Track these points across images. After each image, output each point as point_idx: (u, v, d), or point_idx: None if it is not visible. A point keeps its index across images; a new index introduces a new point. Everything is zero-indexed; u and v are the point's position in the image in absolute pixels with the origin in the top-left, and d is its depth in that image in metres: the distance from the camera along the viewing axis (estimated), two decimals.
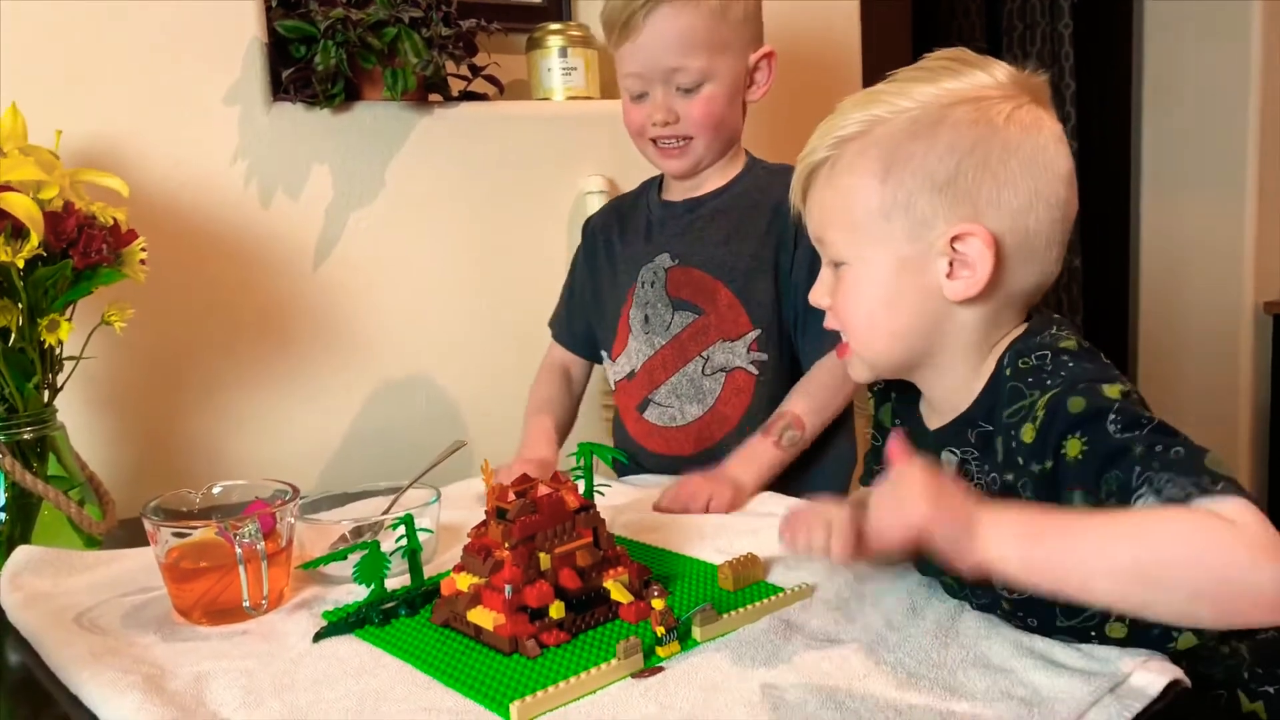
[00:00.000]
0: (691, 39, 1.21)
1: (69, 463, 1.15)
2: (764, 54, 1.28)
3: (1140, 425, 0.68)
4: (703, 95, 1.24)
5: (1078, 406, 0.71)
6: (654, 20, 1.21)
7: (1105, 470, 0.68)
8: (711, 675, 0.76)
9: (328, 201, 1.47)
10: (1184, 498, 0.63)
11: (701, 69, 1.22)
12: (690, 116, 1.24)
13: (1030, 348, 0.78)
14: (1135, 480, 0.66)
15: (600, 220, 1.43)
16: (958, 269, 0.78)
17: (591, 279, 1.41)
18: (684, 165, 1.29)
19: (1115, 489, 0.67)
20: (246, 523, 0.88)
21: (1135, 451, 0.67)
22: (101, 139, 1.31)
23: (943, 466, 0.84)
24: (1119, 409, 0.69)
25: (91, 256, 1.07)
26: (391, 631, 0.87)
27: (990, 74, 0.80)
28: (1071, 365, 0.75)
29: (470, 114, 1.55)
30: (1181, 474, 0.64)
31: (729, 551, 0.98)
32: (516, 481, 0.89)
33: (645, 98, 1.26)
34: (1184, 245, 2.91)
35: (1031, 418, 0.74)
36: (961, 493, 0.69)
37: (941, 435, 0.84)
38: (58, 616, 0.91)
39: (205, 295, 1.40)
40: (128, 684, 0.76)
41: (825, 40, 1.91)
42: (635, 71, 1.25)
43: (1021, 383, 0.76)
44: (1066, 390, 0.72)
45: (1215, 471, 0.64)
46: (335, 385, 1.50)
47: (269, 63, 1.41)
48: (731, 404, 1.28)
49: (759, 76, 1.28)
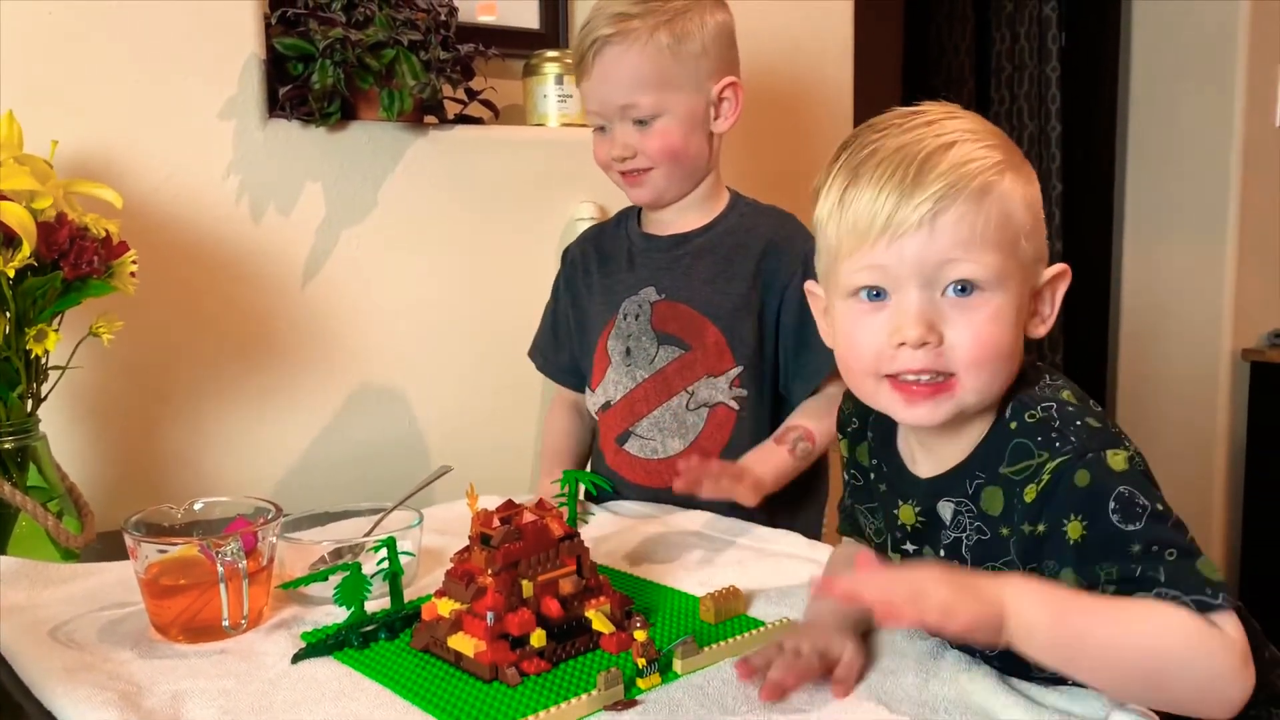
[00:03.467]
0: (639, 76, 1.23)
1: (49, 474, 1.14)
2: (727, 84, 1.28)
3: (1138, 516, 0.71)
4: (657, 129, 1.25)
5: (1083, 481, 0.73)
6: (602, 61, 1.24)
7: (1101, 560, 0.71)
8: (691, 708, 0.76)
9: (319, 219, 1.47)
10: (1190, 605, 0.68)
11: (652, 104, 1.24)
12: (647, 149, 1.26)
13: (1033, 399, 0.79)
14: (1137, 575, 0.69)
15: (579, 249, 1.43)
16: (1041, 307, 0.83)
17: (574, 308, 1.41)
18: (646, 194, 1.30)
19: (1114, 580, 0.71)
20: (229, 541, 0.88)
21: (1133, 549, 0.70)
22: (97, 150, 1.31)
23: (937, 514, 0.84)
24: (1118, 495, 0.71)
25: (82, 268, 1.07)
26: (371, 655, 0.87)
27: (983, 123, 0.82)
28: (1079, 425, 0.75)
29: (465, 137, 1.56)
30: (1185, 586, 0.68)
31: (711, 584, 0.98)
32: (501, 508, 0.89)
33: (606, 131, 1.28)
34: (1164, 290, 2.94)
35: (1037, 480, 0.75)
36: (972, 574, 0.72)
37: (937, 485, 0.84)
38: (33, 630, 0.90)
39: (194, 309, 1.40)
40: (103, 700, 0.75)
41: (817, 81, 1.93)
42: (593, 109, 1.28)
43: (1030, 440, 0.77)
44: (1075, 460, 0.73)
45: (1213, 581, 0.68)
46: (320, 404, 1.50)
47: (266, 79, 1.41)
48: (713, 439, 1.28)
49: (725, 107, 1.29)
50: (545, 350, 1.46)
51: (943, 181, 0.75)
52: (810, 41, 1.91)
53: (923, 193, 0.75)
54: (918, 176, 0.75)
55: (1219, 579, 0.69)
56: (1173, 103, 2.89)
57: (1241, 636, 0.68)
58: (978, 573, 0.73)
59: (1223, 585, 0.69)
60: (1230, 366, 2.79)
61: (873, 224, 0.76)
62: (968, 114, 0.82)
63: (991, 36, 3.29)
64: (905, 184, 0.75)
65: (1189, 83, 2.83)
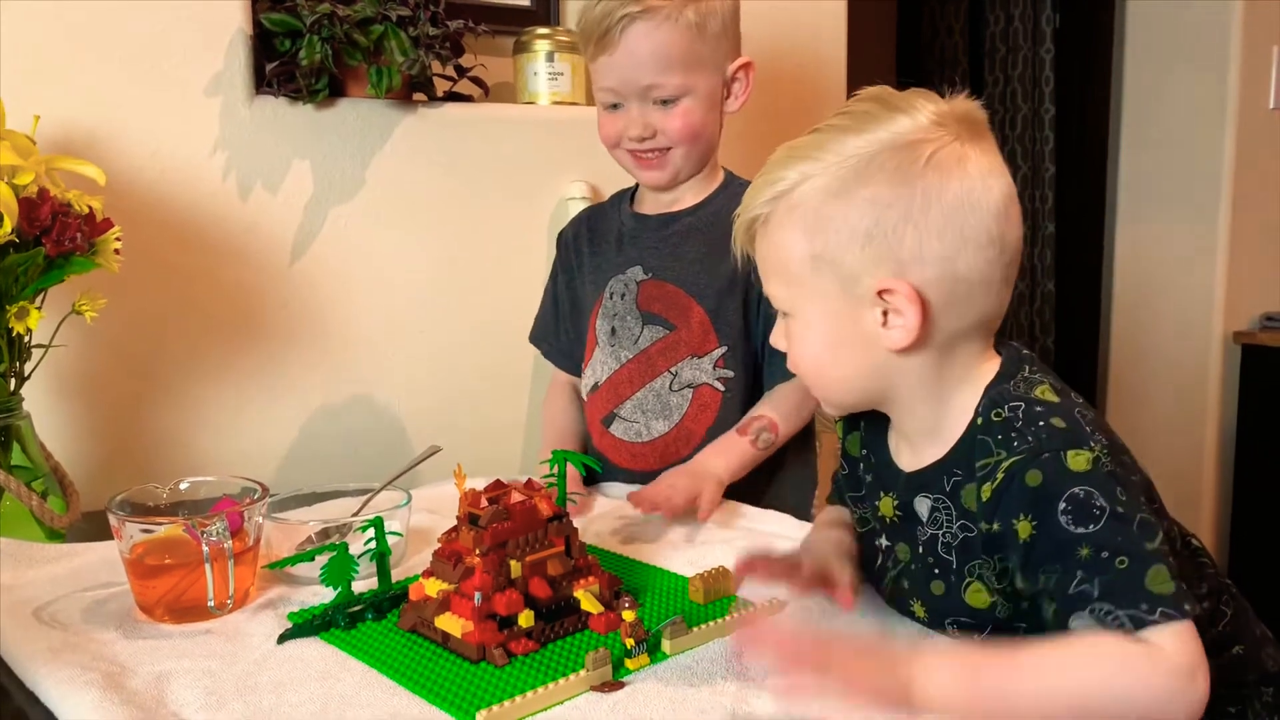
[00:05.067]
0: (668, 55, 1.20)
1: (34, 453, 1.13)
2: (741, 65, 1.26)
3: (1094, 518, 0.70)
4: (680, 108, 1.23)
5: (1034, 481, 0.72)
6: (630, 36, 1.20)
7: (1048, 561, 0.71)
8: (681, 689, 0.76)
9: (307, 197, 1.46)
10: (1120, 627, 0.67)
11: (678, 85, 1.21)
12: (668, 129, 1.23)
13: (1005, 397, 0.78)
14: (1074, 587, 0.69)
15: (572, 231, 1.42)
16: (892, 318, 0.78)
17: (568, 289, 1.40)
18: (663, 176, 1.28)
19: (1053, 586, 0.71)
20: (214, 520, 0.87)
21: (1080, 553, 0.69)
22: (79, 126, 1.29)
23: (914, 509, 0.85)
24: (1071, 496, 0.70)
25: (65, 245, 1.06)
26: (357, 635, 0.86)
27: (913, 116, 0.78)
28: (1041, 425, 0.75)
29: (454, 115, 1.55)
30: (1121, 599, 0.67)
31: (700, 564, 0.98)
32: (489, 488, 0.88)
33: (620, 108, 1.25)
34: (1157, 272, 2.94)
35: (992, 477, 0.75)
36: (882, 647, 0.72)
37: (916, 480, 0.84)
38: (16, 610, 0.90)
39: (179, 287, 1.38)
40: (86, 681, 0.75)
41: (811, 61, 1.92)
42: (611, 86, 1.24)
43: (991, 437, 0.76)
44: (1029, 460, 0.73)
45: (1156, 594, 0.67)
46: (307, 383, 1.48)
47: (253, 56, 1.39)
48: (698, 420, 1.27)
49: (736, 88, 1.27)
50: (547, 335, 1.44)
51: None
52: (804, 21, 1.90)
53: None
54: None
55: (1165, 590, 0.67)
56: (1166, 85, 2.88)
57: (1186, 649, 0.66)
58: (891, 643, 0.74)
59: (1167, 598, 0.67)
60: (1221, 349, 2.80)
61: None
62: None
63: (986, 18, 3.28)
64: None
65: (1183, 65, 2.83)
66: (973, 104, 0.81)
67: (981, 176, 0.77)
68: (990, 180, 0.78)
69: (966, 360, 0.81)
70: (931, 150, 0.77)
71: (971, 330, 0.81)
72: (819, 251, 0.79)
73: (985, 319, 0.81)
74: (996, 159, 0.79)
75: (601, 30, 1.21)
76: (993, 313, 0.81)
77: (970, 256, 0.77)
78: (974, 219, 0.77)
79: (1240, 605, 0.86)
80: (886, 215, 0.76)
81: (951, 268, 0.77)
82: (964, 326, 0.80)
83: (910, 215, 0.76)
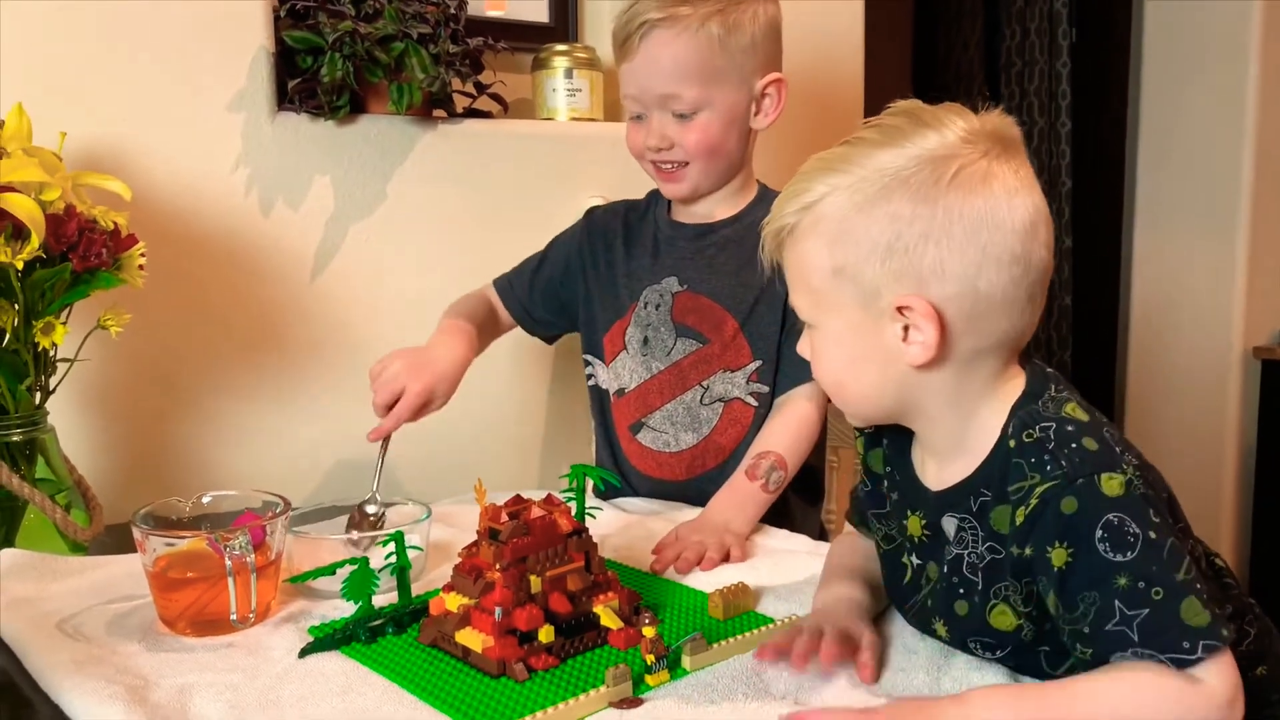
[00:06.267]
0: (685, 67, 1.19)
1: (58, 466, 1.14)
2: (771, 80, 1.24)
3: (1129, 545, 0.70)
4: (698, 122, 1.21)
5: (1070, 508, 0.72)
6: (649, 44, 1.19)
7: (1084, 589, 0.71)
8: (701, 705, 0.76)
9: (328, 213, 1.47)
10: (1167, 663, 0.67)
11: (695, 98, 1.20)
12: (685, 143, 1.22)
13: (1035, 418, 0.77)
14: (1112, 625, 0.69)
15: (605, 220, 1.39)
16: (912, 334, 0.78)
17: (583, 277, 1.37)
18: (681, 190, 1.27)
19: (1093, 616, 0.70)
20: (237, 534, 0.87)
21: (1118, 583, 0.69)
22: (105, 142, 1.30)
23: (941, 528, 0.84)
24: (1107, 524, 0.70)
25: (91, 260, 1.07)
26: (378, 650, 0.86)
27: (941, 133, 0.77)
28: (1075, 446, 0.74)
29: (474, 131, 1.56)
30: (1162, 642, 0.67)
31: (719, 580, 0.98)
32: (509, 503, 0.89)
33: (643, 118, 1.25)
34: (1175, 287, 2.92)
35: (1026, 501, 0.74)
36: (935, 709, 0.71)
37: (944, 499, 0.83)
38: (40, 622, 0.90)
39: (202, 302, 1.39)
40: (110, 694, 0.75)
41: (827, 75, 1.92)
42: (631, 94, 1.24)
43: (1025, 460, 0.76)
44: (1064, 485, 0.72)
45: (1193, 627, 0.67)
46: (328, 398, 1.49)
47: (275, 73, 1.41)
48: (727, 434, 1.27)
49: (766, 104, 1.25)
50: (517, 289, 1.40)
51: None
52: (820, 36, 1.90)
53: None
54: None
55: (1201, 622, 0.68)
56: (1184, 98, 2.87)
57: (1226, 678, 0.67)
58: (936, 704, 0.72)
59: (1205, 630, 0.67)
60: (1241, 364, 2.78)
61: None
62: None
63: (1002, 32, 3.27)
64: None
65: (1201, 78, 2.81)
66: (1007, 120, 0.80)
67: (1007, 195, 0.76)
68: (1016, 199, 0.77)
69: (989, 377, 0.81)
70: (957, 167, 0.76)
71: (995, 348, 0.80)
72: (840, 264, 0.79)
73: (1009, 337, 0.80)
74: (1026, 177, 0.78)
75: (624, 35, 1.21)
76: (1018, 331, 0.80)
77: (992, 275, 0.76)
78: (997, 237, 0.76)
79: (1264, 625, 0.85)
80: (907, 231, 0.76)
81: (972, 285, 0.76)
82: (987, 344, 0.79)
83: (931, 232, 0.76)
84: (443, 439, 1.57)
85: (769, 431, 1.23)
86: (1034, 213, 0.78)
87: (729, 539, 1.09)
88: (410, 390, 1.17)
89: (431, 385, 1.20)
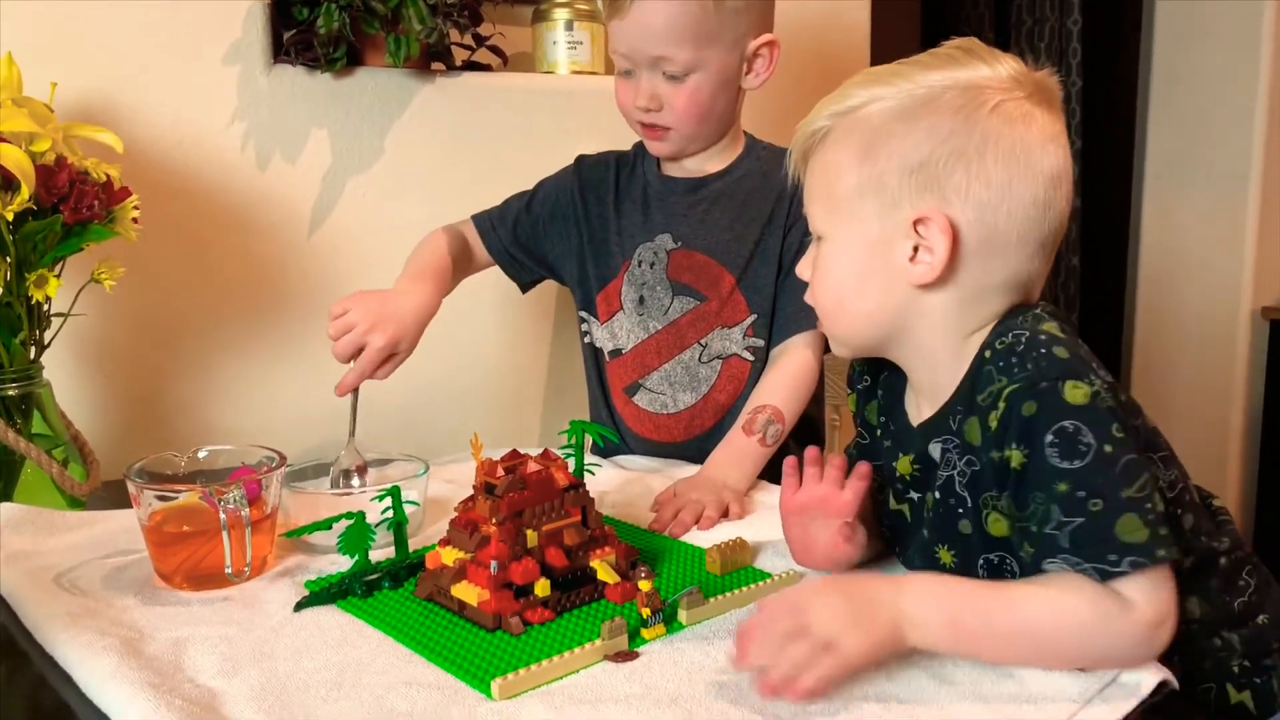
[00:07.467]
0: (678, 28, 1.16)
1: (54, 421, 1.13)
2: (764, 42, 1.22)
3: (1079, 454, 0.70)
4: (688, 85, 1.19)
5: (1029, 411, 0.72)
6: (641, 4, 1.16)
7: (1033, 490, 0.72)
8: (696, 659, 0.75)
9: (325, 167, 1.45)
10: (1090, 573, 0.69)
11: (688, 60, 1.18)
12: (674, 106, 1.20)
13: (1009, 328, 0.78)
14: (1048, 527, 0.71)
15: (596, 172, 1.36)
16: (920, 254, 0.79)
17: (575, 226, 1.34)
18: (667, 149, 1.26)
19: (1037, 520, 0.72)
20: (231, 488, 0.87)
21: (1059, 489, 0.70)
22: (97, 94, 1.29)
23: (930, 456, 0.84)
24: (1060, 429, 0.70)
25: (83, 212, 1.06)
26: (374, 603, 0.86)
27: (993, 67, 0.79)
28: (1043, 352, 0.74)
29: (473, 84, 1.53)
30: (1089, 551, 0.69)
31: (717, 536, 0.97)
32: (505, 457, 0.88)
33: (632, 75, 1.23)
34: (1184, 247, 2.90)
35: (995, 406, 0.75)
36: (868, 588, 0.72)
37: (927, 428, 0.84)
38: (37, 576, 0.90)
39: (197, 256, 1.38)
40: (104, 646, 0.75)
41: (834, 29, 1.89)
42: (622, 52, 1.22)
43: (994, 365, 0.77)
44: (1026, 389, 0.73)
45: (1123, 543, 0.68)
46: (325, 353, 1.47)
47: (271, 24, 1.38)
48: (726, 391, 1.26)
49: (758, 65, 1.23)
50: (499, 229, 1.37)
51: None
52: None
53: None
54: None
55: (1136, 538, 0.68)
56: (1196, 55, 2.82)
57: (1154, 599, 0.68)
58: (869, 584, 0.74)
59: (1137, 547, 0.68)
60: (1249, 324, 2.76)
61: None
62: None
63: None
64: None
65: (1213, 36, 2.77)
66: (1053, 79, 0.82)
67: (1042, 139, 0.78)
68: (1050, 146, 0.78)
69: (987, 318, 0.81)
70: (1001, 98, 0.78)
71: (998, 289, 0.80)
72: (867, 173, 0.79)
73: (1015, 280, 0.80)
74: (1062, 132, 0.80)
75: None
76: (1023, 276, 0.80)
77: (1013, 209, 0.77)
78: (1026, 175, 0.77)
79: (1263, 576, 0.85)
80: (941, 148, 0.77)
81: (992, 216, 0.77)
82: (991, 282, 0.80)
83: (965, 153, 0.77)
84: (441, 395, 1.56)
85: (766, 384, 1.22)
86: (1063, 164, 0.79)
87: (727, 495, 1.09)
88: (373, 345, 1.15)
89: (395, 339, 1.17)
